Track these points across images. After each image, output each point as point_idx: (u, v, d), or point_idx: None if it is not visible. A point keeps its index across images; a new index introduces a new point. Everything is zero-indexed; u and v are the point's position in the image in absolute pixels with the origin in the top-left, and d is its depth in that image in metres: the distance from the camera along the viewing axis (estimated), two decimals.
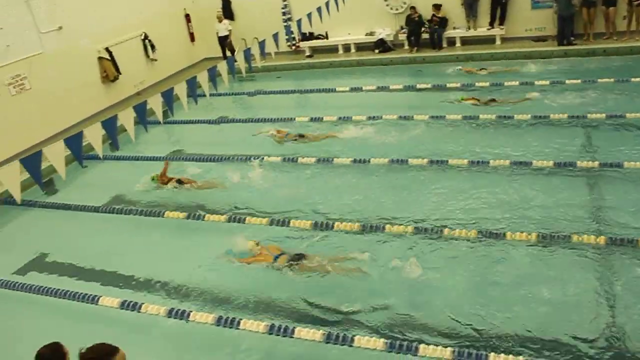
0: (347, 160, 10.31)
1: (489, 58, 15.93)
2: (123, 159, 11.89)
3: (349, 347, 5.87)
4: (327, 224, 8.26)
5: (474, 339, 5.90)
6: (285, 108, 14.36)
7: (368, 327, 6.28)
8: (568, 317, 6.06)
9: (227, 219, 8.80)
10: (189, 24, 19.91)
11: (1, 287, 7.92)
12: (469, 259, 7.26)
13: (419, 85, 14.11)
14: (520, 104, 12.06)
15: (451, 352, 5.54)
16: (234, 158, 11.10)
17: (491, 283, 6.78)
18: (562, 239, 7.27)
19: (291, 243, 8.00)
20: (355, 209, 8.76)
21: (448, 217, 8.17)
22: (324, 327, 6.25)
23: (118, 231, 9.27)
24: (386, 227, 7.97)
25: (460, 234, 7.62)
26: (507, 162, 9.39)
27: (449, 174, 9.51)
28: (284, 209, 8.99)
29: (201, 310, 6.77)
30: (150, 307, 6.87)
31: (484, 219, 8.03)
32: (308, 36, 18.70)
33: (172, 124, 13.11)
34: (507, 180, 9.02)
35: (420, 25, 17.28)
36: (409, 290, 6.78)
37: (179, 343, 6.53)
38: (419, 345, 5.68)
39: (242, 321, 6.37)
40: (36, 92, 13.78)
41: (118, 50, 16.28)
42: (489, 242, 7.46)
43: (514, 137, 10.61)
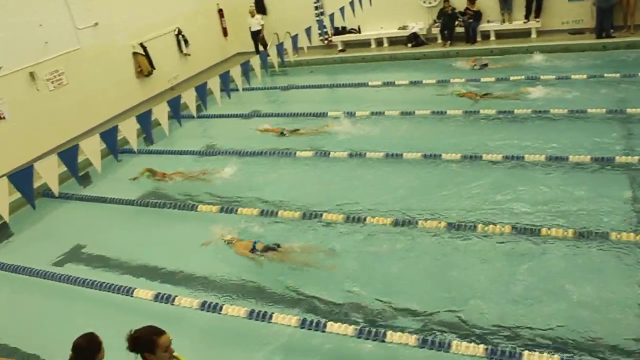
0: (380, 154, 10.26)
1: (524, 52, 15.59)
2: (157, 152, 12.05)
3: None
4: (359, 217, 8.25)
5: (508, 338, 5.83)
6: (317, 102, 14.34)
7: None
8: (606, 316, 5.93)
9: (260, 212, 8.85)
10: (222, 19, 20.03)
11: (40, 277, 8.12)
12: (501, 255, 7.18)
13: (452, 80, 13.94)
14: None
15: (484, 350, 5.49)
16: (265, 153, 11.14)
17: (522, 280, 6.68)
18: (599, 235, 7.11)
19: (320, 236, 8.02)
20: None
21: (483, 213, 8.08)
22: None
23: (151, 224, 9.40)
24: (419, 223, 7.93)
25: (494, 230, 7.51)
26: (543, 157, 9.22)
27: (483, 169, 9.39)
28: (314, 202, 9.05)
29: (234, 304, 6.83)
30: (183, 299, 6.95)
31: (521, 214, 7.92)
32: (340, 30, 18.62)
33: (205, 118, 13.21)
34: (543, 176, 8.88)
35: (453, 18, 17.07)
36: (437, 285, 6.74)
37: (210, 336, 6.59)
38: (451, 342, 5.65)
39: (274, 315, 6.41)
40: (73, 87, 14.04)
41: (152, 45, 16.47)
42: (524, 239, 7.34)
43: (549, 132, 10.44)
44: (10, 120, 12.47)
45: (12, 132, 12.46)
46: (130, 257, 8.43)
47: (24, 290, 8.16)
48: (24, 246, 9.59)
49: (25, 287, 8.19)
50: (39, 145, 12.81)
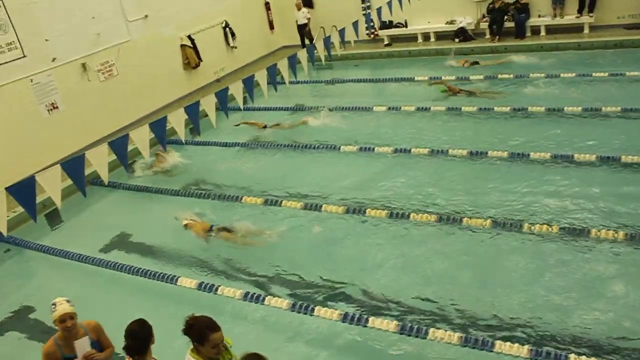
0: (425, 150, 10.17)
1: (576, 47, 15.23)
2: (203, 144, 12.19)
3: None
4: (402, 214, 8.19)
5: (549, 338, 5.72)
6: (363, 96, 14.28)
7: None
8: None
9: (303, 206, 8.88)
10: (268, 12, 20.11)
11: (89, 263, 8.32)
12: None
13: (500, 75, 13.68)
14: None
15: (528, 351, 5.39)
16: (311, 146, 11.18)
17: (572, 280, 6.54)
18: None
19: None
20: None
21: (531, 212, 7.93)
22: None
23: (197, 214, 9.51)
24: (464, 220, 7.82)
25: (541, 229, 7.36)
26: (594, 156, 8.98)
27: (531, 167, 9.21)
28: (353, 196, 9.07)
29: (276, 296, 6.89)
30: (226, 289, 7.03)
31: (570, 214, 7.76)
32: (387, 25, 18.48)
33: (251, 110, 13.30)
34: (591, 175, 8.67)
35: (503, 13, 16.73)
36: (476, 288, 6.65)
37: (256, 327, 6.64)
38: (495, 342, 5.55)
39: (316, 308, 6.43)
40: (123, 78, 14.33)
41: (200, 38, 16.66)
42: (574, 239, 7.18)
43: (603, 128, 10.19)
44: (63, 110, 12.81)
45: (64, 121, 12.80)
46: (174, 246, 8.56)
47: (71, 275, 8.35)
48: (73, 232, 9.85)
49: (73, 272, 8.40)
50: (90, 135, 13.14)
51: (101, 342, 4.95)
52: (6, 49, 11.68)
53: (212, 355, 4.07)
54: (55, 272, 8.60)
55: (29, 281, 8.64)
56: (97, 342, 4.88)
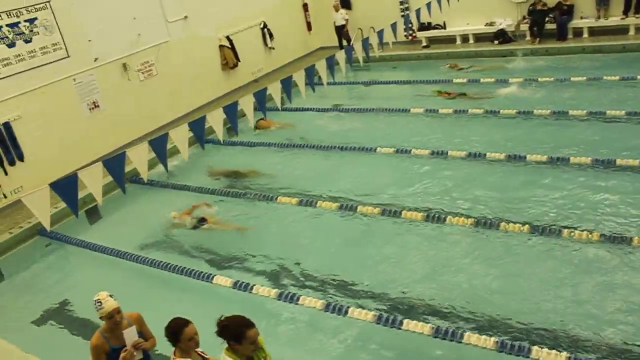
0: (463, 153, 10.08)
1: (621, 50, 14.81)
2: (240, 144, 12.28)
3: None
4: (439, 217, 8.14)
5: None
6: (399, 99, 14.18)
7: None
8: None
9: (339, 207, 8.89)
10: (306, 13, 20.16)
11: (127, 259, 8.48)
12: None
13: (540, 79, 13.44)
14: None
15: (566, 357, 5.28)
16: (347, 147, 11.19)
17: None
18: None
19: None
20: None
21: (568, 217, 7.80)
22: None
23: (232, 213, 9.59)
24: (501, 225, 7.74)
25: (581, 237, 7.21)
26: (637, 161, 8.75)
27: (567, 172, 9.06)
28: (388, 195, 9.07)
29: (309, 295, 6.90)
30: (261, 289, 7.07)
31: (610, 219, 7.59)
32: (425, 26, 18.32)
33: (288, 111, 13.35)
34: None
35: (544, 14, 16.42)
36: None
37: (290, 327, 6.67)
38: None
39: (349, 309, 6.41)
40: (162, 77, 14.55)
41: (238, 38, 16.80)
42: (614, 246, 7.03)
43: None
44: (104, 109, 13.07)
45: (105, 119, 13.07)
46: (210, 245, 8.65)
47: (108, 270, 8.51)
48: (112, 228, 10.04)
49: (110, 267, 8.56)
50: (130, 133, 13.39)
51: (144, 333, 5.07)
52: (52, 49, 11.98)
53: (249, 353, 4.10)
54: (93, 267, 8.79)
55: (69, 275, 8.86)
56: (140, 333, 4.99)
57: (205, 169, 11.57)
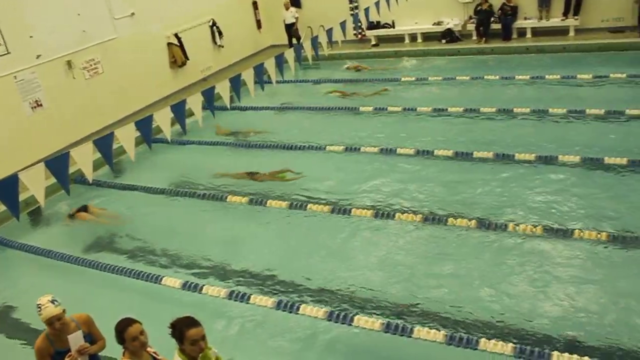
0: (411, 150, 10.21)
1: (561, 50, 15.36)
2: (189, 143, 12.12)
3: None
4: (388, 213, 8.24)
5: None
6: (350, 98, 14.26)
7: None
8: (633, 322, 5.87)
9: (289, 205, 8.88)
10: (256, 11, 20.07)
11: (75, 264, 8.21)
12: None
13: (486, 77, 13.75)
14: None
15: (512, 348, 5.41)
16: (296, 146, 11.18)
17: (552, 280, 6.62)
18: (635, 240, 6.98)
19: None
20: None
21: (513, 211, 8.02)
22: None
23: (182, 213, 9.48)
24: (451, 221, 7.87)
25: (523, 230, 7.42)
26: (578, 158, 9.06)
27: (513, 168, 9.31)
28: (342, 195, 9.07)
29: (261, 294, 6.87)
30: (211, 289, 6.99)
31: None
32: (374, 25, 18.51)
33: (238, 110, 13.26)
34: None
35: (490, 14, 16.82)
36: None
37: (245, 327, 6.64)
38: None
39: (301, 306, 6.43)
40: (108, 76, 14.23)
41: (186, 36, 16.59)
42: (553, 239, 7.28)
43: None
44: (47, 108, 12.70)
45: (48, 119, 12.69)
46: (160, 245, 8.51)
47: (52, 275, 8.24)
48: (55, 231, 9.75)
49: (52, 271, 8.30)
50: (75, 133, 13.04)
51: (93, 335, 4.96)
52: None
53: (194, 354, 4.06)
54: (37, 271, 8.50)
55: (11, 280, 8.54)
56: (89, 335, 4.89)
57: (152, 167, 11.38)
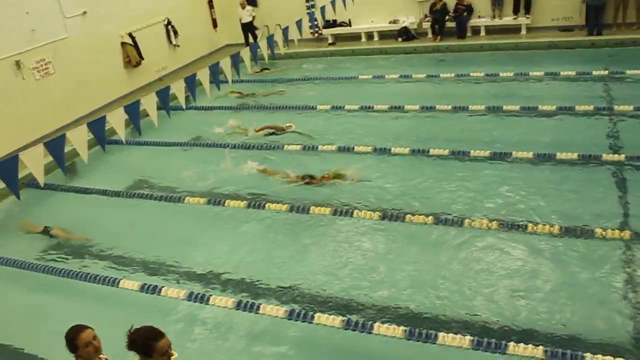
0: (369, 148, 10.27)
1: (514, 48, 15.71)
2: (145, 144, 11.92)
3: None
4: (346, 211, 8.26)
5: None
6: (307, 96, 14.25)
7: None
8: (586, 312, 6.04)
9: (247, 204, 8.83)
10: (211, 10, 19.86)
11: (25, 269, 8.00)
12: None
13: (442, 75, 13.94)
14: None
15: (469, 341, 5.51)
16: (253, 146, 11.10)
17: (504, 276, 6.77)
18: (585, 232, 7.17)
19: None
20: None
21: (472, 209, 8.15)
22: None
23: (139, 215, 9.33)
24: (405, 218, 7.94)
25: (479, 225, 7.55)
26: (531, 154, 9.25)
27: (468, 164, 9.47)
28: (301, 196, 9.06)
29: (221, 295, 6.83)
30: (170, 290, 6.91)
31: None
32: (331, 23, 18.55)
33: (194, 109, 13.11)
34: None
35: (444, 13, 17.07)
36: None
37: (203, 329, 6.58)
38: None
39: (261, 306, 6.40)
40: (60, 76, 13.87)
41: (141, 35, 16.30)
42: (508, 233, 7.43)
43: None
44: None
45: None
46: (116, 249, 8.35)
47: (6, 282, 8.04)
48: (6, 238, 9.46)
49: (9, 278, 8.07)
50: (25, 135, 12.63)
51: None
52: None
53: None
54: None
55: None
56: None
57: (107, 169, 11.16)
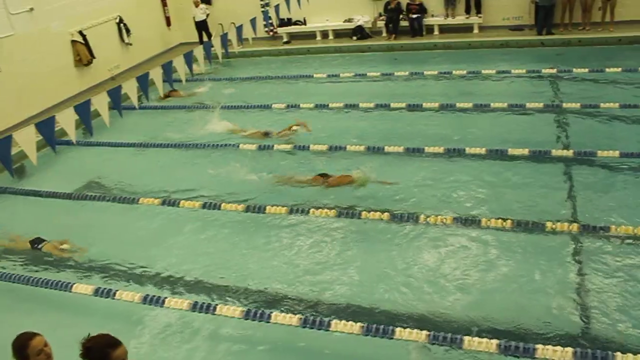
0: (324, 147, 10.26)
1: (467, 47, 16.02)
2: (97, 144, 11.65)
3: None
4: (302, 210, 8.28)
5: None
6: (262, 95, 14.20)
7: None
8: (538, 304, 6.19)
9: (202, 205, 8.73)
10: (165, 7, 19.60)
11: None
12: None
13: (397, 73, 14.08)
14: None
15: (426, 335, 5.57)
16: (208, 145, 11.00)
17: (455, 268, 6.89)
18: (536, 226, 7.35)
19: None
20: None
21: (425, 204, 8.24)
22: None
23: (91, 218, 9.11)
24: (361, 215, 8.00)
25: (434, 221, 7.64)
26: (484, 150, 9.43)
27: (423, 161, 9.59)
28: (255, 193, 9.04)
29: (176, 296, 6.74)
30: (124, 294, 6.77)
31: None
32: (286, 22, 18.55)
33: (147, 109, 12.89)
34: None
35: (398, 12, 17.25)
36: None
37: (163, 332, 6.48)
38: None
39: (218, 307, 6.34)
40: (6, 75, 13.44)
41: (92, 33, 15.95)
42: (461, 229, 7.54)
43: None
44: None
45: None
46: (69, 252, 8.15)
47: None
48: None
49: None
50: None
51: None
52: None
53: None
54: None
55: None
56: None
57: (58, 171, 10.88)
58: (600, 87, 12.06)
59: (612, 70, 12.42)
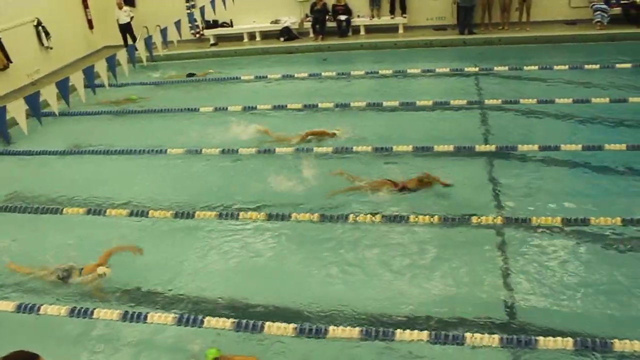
0: (252, 150, 10.23)
1: (392, 46, 16.34)
2: (15, 153, 11.18)
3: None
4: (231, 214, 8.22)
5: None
6: (190, 98, 13.99)
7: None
8: (468, 296, 6.37)
9: (129, 213, 8.53)
10: (86, 10, 19.01)
11: None
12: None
13: (324, 73, 14.19)
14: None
15: (359, 331, 5.65)
16: (136, 151, 10.74)
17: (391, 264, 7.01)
18: (462, 220, 7.57)
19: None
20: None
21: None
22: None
23: (13, 229, 8.73)
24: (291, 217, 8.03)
25: (364, 219, 7.73)
26: (410, 147, 9.59)
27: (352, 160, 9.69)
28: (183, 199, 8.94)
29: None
30: (49, 308, 6.52)
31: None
32: (212, 24, 18.36)
33: (68, 115, 12.45)
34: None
35: (325, 13, 17.40)
36: None
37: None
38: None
39: (149, 315, 6.22)
40: None
41: (7, 36, 15.28)
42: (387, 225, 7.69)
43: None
44: None
45: None
46: None
47: None
48: None
49: None
50: None
51: None
52: None
53: None
54: None
55: None
56: None
57: None
58: (520, 84, 12.56)
59: (529, 68, 13.00)
